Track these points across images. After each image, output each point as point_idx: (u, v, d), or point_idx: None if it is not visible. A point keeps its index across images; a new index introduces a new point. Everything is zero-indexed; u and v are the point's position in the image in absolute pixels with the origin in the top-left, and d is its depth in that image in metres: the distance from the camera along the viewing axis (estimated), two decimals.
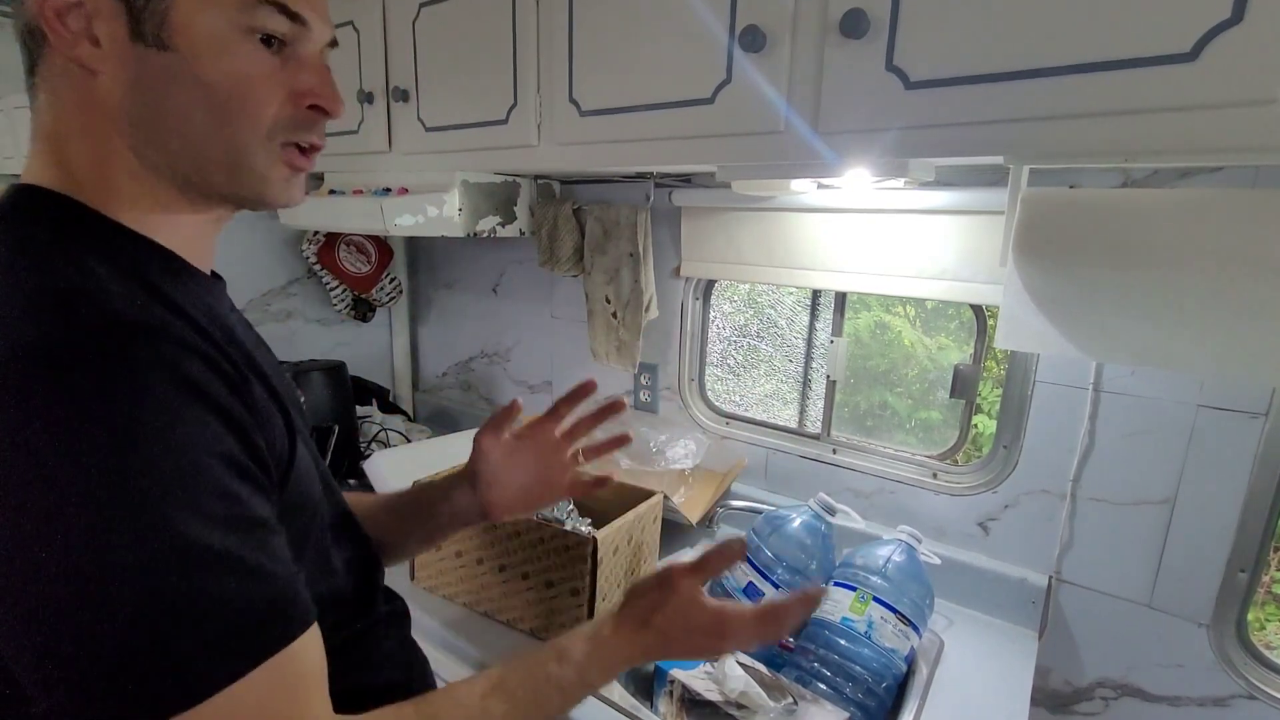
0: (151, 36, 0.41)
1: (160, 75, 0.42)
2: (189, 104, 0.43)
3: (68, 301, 0.36)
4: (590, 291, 1.39)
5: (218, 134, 0.44)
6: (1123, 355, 0.75)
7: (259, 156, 0.46)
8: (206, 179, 0.45)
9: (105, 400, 0.34)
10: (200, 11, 0.41)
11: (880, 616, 0.87)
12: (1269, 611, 1.66)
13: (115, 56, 0.41)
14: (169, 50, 0.41)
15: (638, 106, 0.89)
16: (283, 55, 0.45)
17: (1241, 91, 0.52)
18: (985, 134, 0.65)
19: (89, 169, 0.43)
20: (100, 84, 0.42)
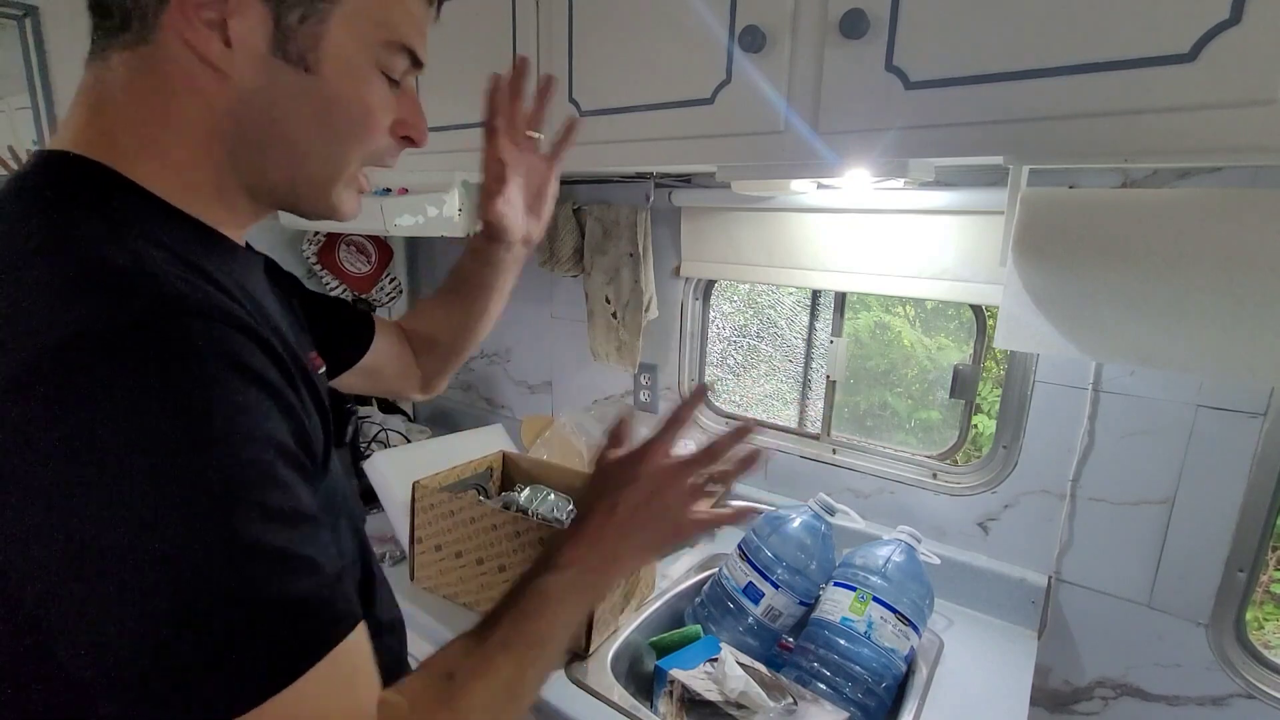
0: (296, 56, 0.42)
1: (290, 92, 0.43)
2: (311, 123, 0.44)
3: (126, 281, 0.34)
4: (590, 291, 1.39)
5: (327, 153, 0.46)
6: (1122, 355, 0.75)
7: (347, 180, 0.48)
8: (292, 190, 0.47)
9: (171, 388, 0.32)
10: (349, 44, 0.43)
11: (880, 616, 0.87)
12: (1267, 611, 1.66)
13: (245, 62, 0.41)
14: (310, 73, 0.43)
15: (637, 106, 0.89)
16: (395, 89, 0.48)
17: (1240, 92, 0.52)
18: (985, 134, 0.65)
19: (143, 145, 0.42)
20: (215, 80, 0.41)
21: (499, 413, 1.75)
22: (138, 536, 0.31)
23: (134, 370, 0.32)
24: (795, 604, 0.96)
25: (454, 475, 1.13)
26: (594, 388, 1.54)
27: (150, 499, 0.31)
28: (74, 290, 0.33)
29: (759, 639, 0.96)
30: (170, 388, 0.32)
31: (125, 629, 0.31)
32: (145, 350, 0.32)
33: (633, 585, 1.00)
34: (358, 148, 0.47)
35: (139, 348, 0.32)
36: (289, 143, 0.44)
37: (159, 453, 0.31)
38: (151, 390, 0.32)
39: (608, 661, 0.90)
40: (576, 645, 0.91)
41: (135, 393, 0.31)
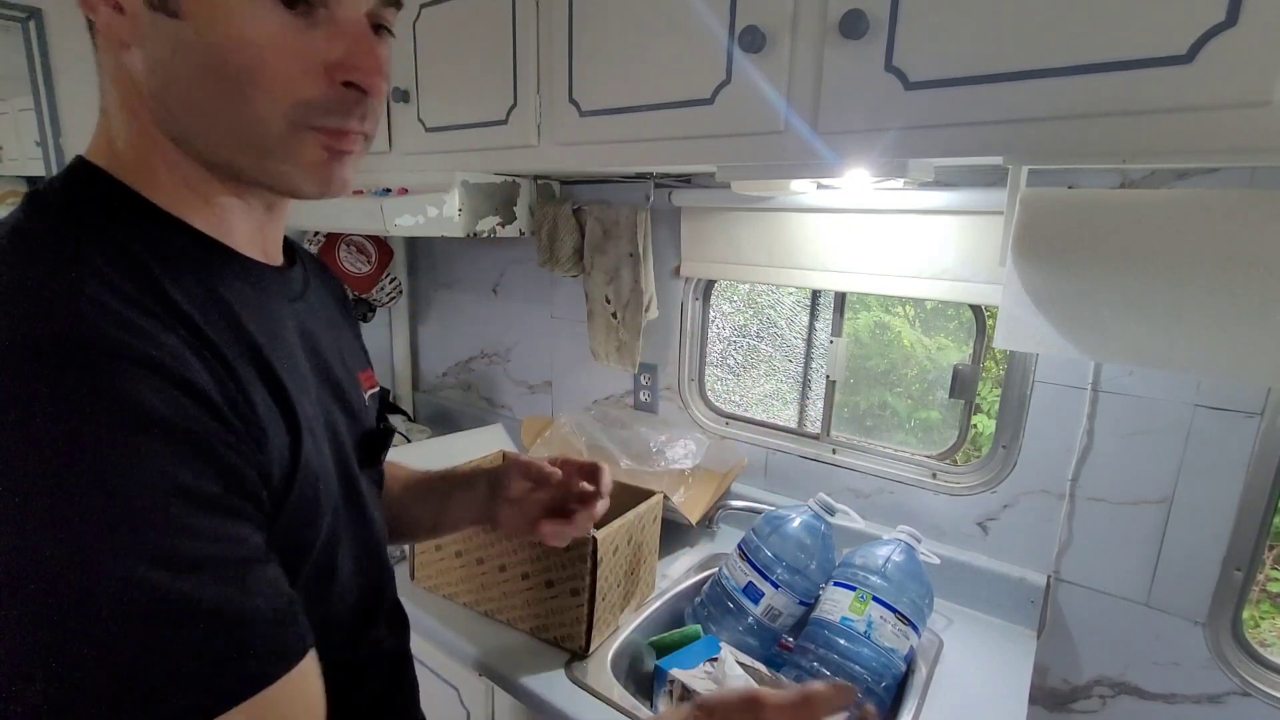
0: (160, 1, 0.37)
1: (171, 44, 0.38)
2: (198, 76, 0.38)
3: (27, 306, 0.32)
4: (590, 291, 1.39)
5: (227, 109, 0.39)
6: (1121, 355, 0.76)
7: (282, 138, 0.40)
8: (229, 160, 0.41)
9: (36, 429, 0.30)
10: None
11: (879, 616, 0.87)
12: (1263, 609, 1.66)
13: (135, 26, 0.38)
14: (178, 17, 0.37)
15: (637, 107, 0.89)
16: (311, 19, 0.39)
17: (1237, 93, 0.53)
18: (984, 134, 0.65)
19: (129, 147, 0.41)
20: (127, 56, 0.39)
21: (499, 413, 1.75)
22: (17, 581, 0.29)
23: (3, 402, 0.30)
24: (795, 604, 0.97)
25: None
26: (594, 388, 1.54)
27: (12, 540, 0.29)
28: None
29: (759, 639, 0.96)
30: (36, 427, 0.30)
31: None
32: (20, 383, 0.30)
33: (633, 585, 1.00)
34: (261, 96, 0.39)
35: (13, 380, 0.30)
36: (192, 103, 0.39)
37: (18, 489, 0.30)
38: (15, 427, 0.30)
39: (608, 661, 0.90)
40: (577, 645, 0.91)
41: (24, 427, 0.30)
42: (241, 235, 0.45)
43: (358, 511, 0.53)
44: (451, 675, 0.98)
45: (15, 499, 0.29)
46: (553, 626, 0.93)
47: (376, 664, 0.56)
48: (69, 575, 0.29)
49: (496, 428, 1.61)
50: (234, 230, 0.45)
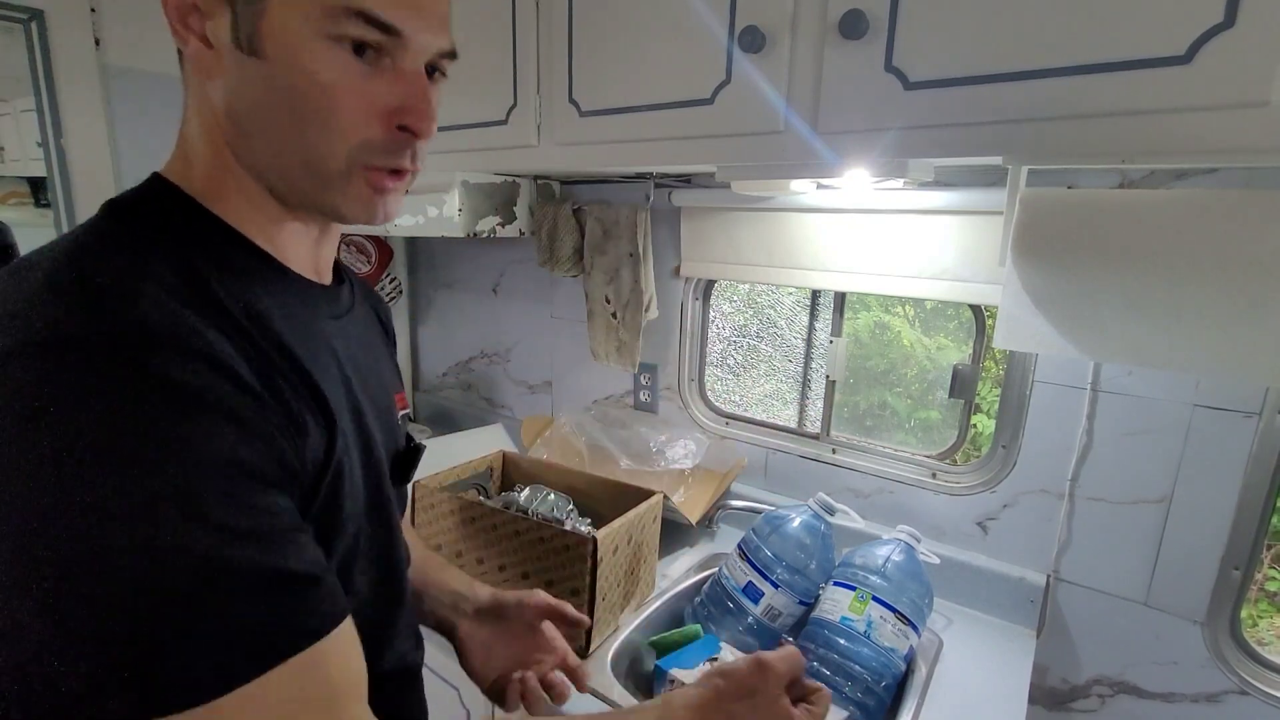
0: (246, 43, 0.41)
1: (251, 81, 0.42)
2: (274, 112, 0.42)
3: (93, 297, 0.35)
4: (590, 291, 1.39)
5: (298, 142, 0.43)
6: (1120, 355, 0.76)
7: (340, 174, 0.44)
8: (291, 186, 0.45)
9: (100, 408, 0.32)
10: (289, 19, 0.41)
11: (879, 616, 0.87)
12: (1261, 608, 1.66)
13: (222, 60, 0.42)
14: (260, 57, 0.41)
15: (637, 107, 0.90)
16: (377, 66, 0.43)
17: (1234, 94, 0.53)
18: (984, 134, 0.65)
19: (204, 167, 0.45)
20: (212, 85, 0.43)
21: (499, 413, 1.75)
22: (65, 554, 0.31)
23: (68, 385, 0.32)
24: (795, 603, 0.97)
25: (454, 475, 1.13)
26: (594, 388, 1.54)
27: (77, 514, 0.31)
28: (41, 301, 0.34)
29: (759, 638, 0.96)
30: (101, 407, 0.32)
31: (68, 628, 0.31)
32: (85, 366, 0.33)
33: (632, 585, 1.01)
34: (330, 135, 0.43)
35: (81, 363, 0.33)
36: (266, 134, 0.43)
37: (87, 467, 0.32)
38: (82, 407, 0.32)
39: (608, 661, 0.90)
40: (576, 645, 0.91)
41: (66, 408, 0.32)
42: (295, 254, 0.49)
43: (385, 529, 0.54)
44: (451, 675, 0.98)
45: (82, 476, 0.31)
46: None
47: (386, 683, 0.55)
48: (137, 545, 0.32)
49: (496, 428, 1.61)
50: (289, 249, 0.48)
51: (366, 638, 0.49)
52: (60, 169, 1.25)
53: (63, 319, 0.34)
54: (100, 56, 1.28)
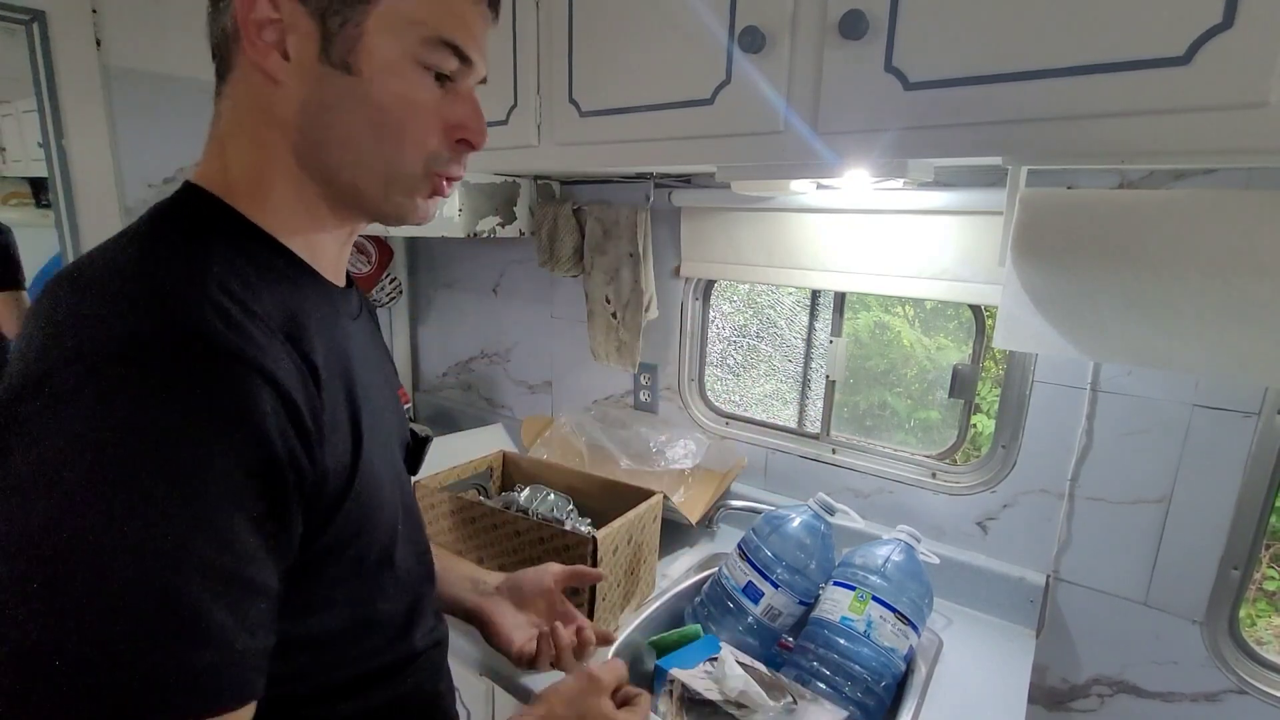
0: (339, 60, 0.44)
1: (339, 95, 0.45)
2: (361, 123, 0.46)
3: (160, 305, 0.37)
4: (590, 292, 1.39)
5: (379, 152, 0.47)
6: (1120, 355, 0.76)
7: (411, 179, 0.49)
8: (359, 192, 0.48)
9: (154, 415, 0.34)
10: (386, 43, 0.45)
11: (879, 616, 0.87)
12: (1260, 608, 1.66)
13: (300, 72, 0.44)
14: (352, 74, 0.44)
15: (637, 107, 0.90)
16: (445, 88, 0.49)
17: (1233, 94, 0.53)
18: (984, 134, 0.65)
19: (246, 172, 0.46)
20: (280, 94, 0.45)
21: (499, 413, 1.75)
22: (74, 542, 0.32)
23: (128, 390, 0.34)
24: (795, 603, 0.97)
25: (454, 475, 1.14)
26: (594, 388, 1.54)
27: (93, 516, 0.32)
28: (119, 305, 0.36)
29: (759, 638, 0.96)
30: (156, 414, 0.34)
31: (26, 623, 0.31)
32: (149, 375, 0.34)
33: (632, 585, 1.01)
34: (409, 146, 0.48)
35: (145, 371, 0.34)
36: (345, 145, 0.46)
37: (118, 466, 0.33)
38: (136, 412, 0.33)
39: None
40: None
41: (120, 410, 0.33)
42: (325, 259, 0.52)
43: (410, 514, 0.59)
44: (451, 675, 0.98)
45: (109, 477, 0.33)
46: None
47: (426, 652, 0.61)
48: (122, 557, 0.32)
49: (496, 428, 1.61)
50: (321, 254, 0.51)
51: (408, 616, 0.56)
52: (62, 170, 1.25)
53: (136, 330, 0.35)
54: (102, 57, 1.28)
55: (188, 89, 1.36)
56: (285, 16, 0.43)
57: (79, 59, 1.25)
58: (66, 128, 1.25)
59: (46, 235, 1.27)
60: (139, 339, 0.35)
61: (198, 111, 0.53)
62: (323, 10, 0.43)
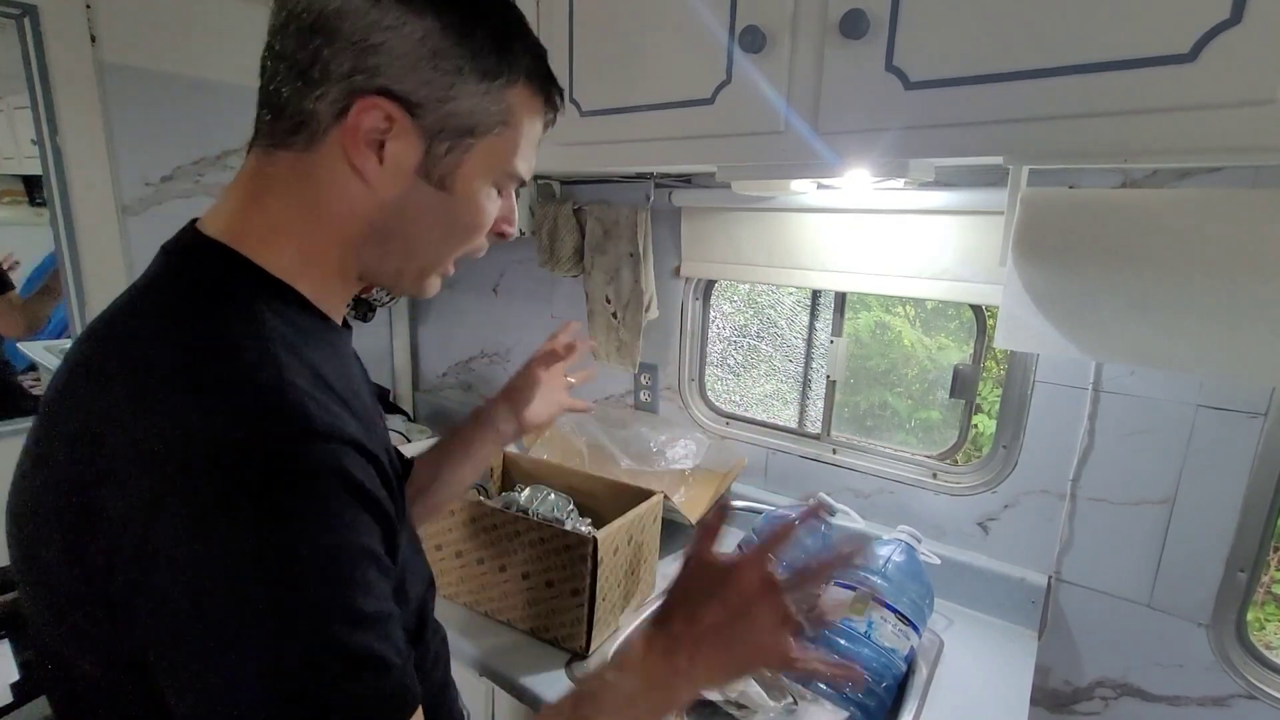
0: (436, 178, 0.48)
1: (426, 205, 0.49)
2: (436, 230, 0.51)
3: (270, 403, 0.40)
4: (590, 291, 1.39)
5: (439, 251, 0.53)
6: (1122, 355, 0.75)
7: (445, 268, 0.56)
8: (398, 276, 0.54)
9: (298, 507, 0.38)
10: (478, 173, 0.50)
11: (880, 616, 0.87)
12: (1268, 611, 1.66)
13: (393, 178, 0.47)
14: (444, 191, 0.49)
15: (638, 107, 0.89)
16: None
17: (1240, 92, 0.52)
18: (985, 134, 0.65)
19: (295, 244, 0.48)
20: (363, 191, 0.47)
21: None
22: (246, 646, 0.36)
23: (276, 489, 0.37)
24: None
25: None
26: (594, 388, 1.54)
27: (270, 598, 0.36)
28: (228, 408, 0.39)
29: None
30: (298, 507, 0.38)
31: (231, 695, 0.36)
32: (286, 474, 0.38)
33: (633, 585, 1.00)
34: (464, 247, 0.54)
35: (282, 472, 0.38)
36: (411, 242, 0.51)
37: (281, 561, 0.37)
38: (284, 508, 0.37)
39: (608, 661, 0.90)
40: (577, 645, 0.91)
41: (272, 507, 0.37)
42: (336, 308, 0.53)
43: (412, 533, 0.62)
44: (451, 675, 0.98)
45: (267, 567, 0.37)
46: (553, 627, 0.92)
47: (439, 654, 0.64)
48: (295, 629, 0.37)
49: None
50: (335, 306, 0.53)
51: (418, 612, 0.58)
52: (56, 167, 1.24)
53: (268, 439, 0.38)
54: (96, 53, 1.27)
55: (184, 86, 1.35)
56: (393, 128, 0.46)
57: (73, 55, 1.24)
58: (61, 125, 1.24)
59: (41, 234, 1.27)
60: (272, 449, 0.38)
61: (195, 109, 0.53)
62: (433, 135, 0.47)
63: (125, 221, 1.32)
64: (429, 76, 0.46)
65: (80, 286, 1.29)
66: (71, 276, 1.28)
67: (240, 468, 0.37)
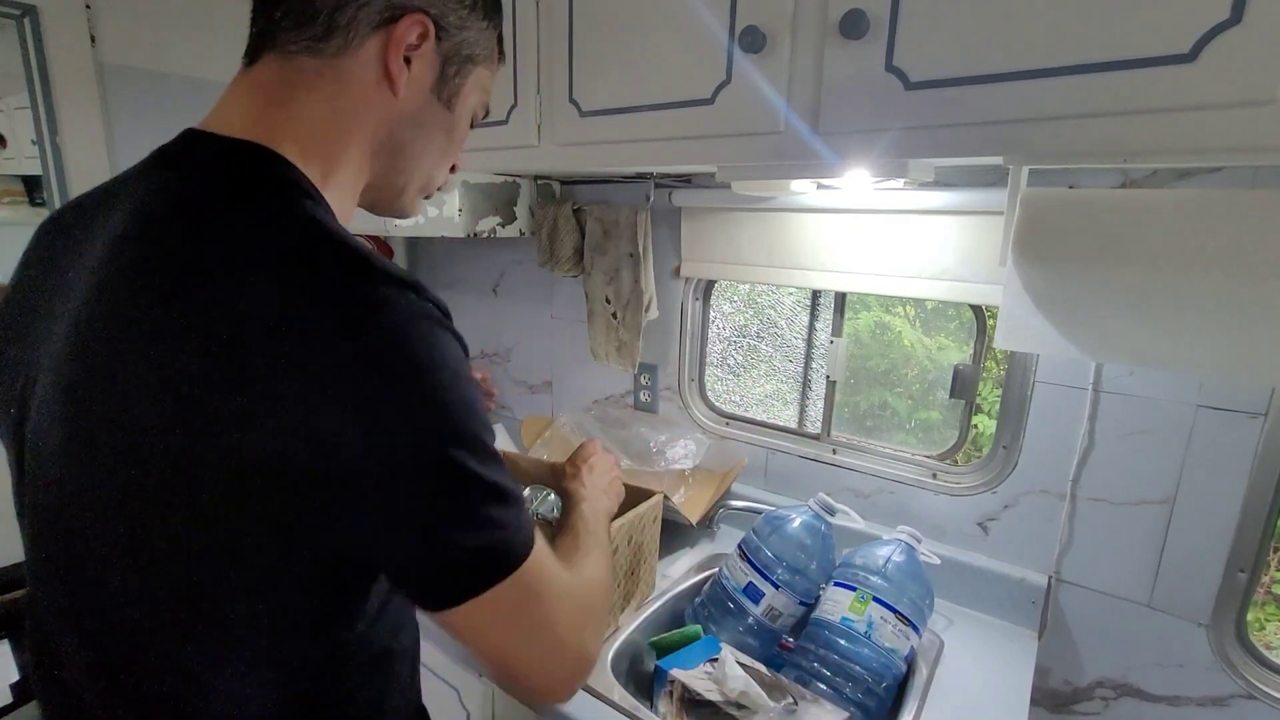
0: (445, 97, 0.56)
1: (433, 120, 0.56)
2: (436, 144, 0.58)
3: (414, 284, 0.44)
4: (590, 292, 1.39)
5: (433, 166, 0.59)
6: (1122, 355, 0.75)
7: (434, 187, 0.61)
8: (399, 192, 0.58)
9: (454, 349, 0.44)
10: (470, 97, 0.58)
11: (880, 616, 0.87)
12: (1269, 611, 1.66)
13: (413, 91, 0.53)
14: (448, 109, 0.56)
15: (638, 107, 0.89)
16: None
17: (1240, 92, 0.52)
18: (985, 134, 0.65)
19: (332, 161, 0.51)
20: (388, 100, 0.52)
21: (499, 413, 1.75)
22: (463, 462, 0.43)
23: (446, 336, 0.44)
24: (795, 604, 0.96)
25: None
26: (594, 388, 1.54)
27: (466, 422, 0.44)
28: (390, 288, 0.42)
29: (759, 639, 0.96)
30: (461, 370, 0.44)
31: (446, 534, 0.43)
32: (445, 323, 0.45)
33: (633, 585, 1.00)
34: (447, 166, 0.61)
35: (442, 322, 0.44)
36: (417, 156, 0.57)
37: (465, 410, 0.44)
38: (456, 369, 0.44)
39: (608, 661, 0.90)
40: None
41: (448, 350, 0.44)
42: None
43: None
44: (451, 676, 0.98)
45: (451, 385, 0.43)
46: None
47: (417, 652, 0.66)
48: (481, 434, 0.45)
49: (496, 428, 1.60)
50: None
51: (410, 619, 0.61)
52: (56, 167, 1.24)
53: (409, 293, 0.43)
54: (96, 53, 1.27)
55: (184, 86, 1.35)
56: (422, 46, 0.52)
57: (73, 55, 1.24)
58: (60, 125, 1.24)
59: None
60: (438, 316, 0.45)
61: (194, 109, 0.53)
62: (446, 57, 0.54)
63: None
64: (454, 6, 0.53)
65: None
66: None
67: (417, 338, 0.42)
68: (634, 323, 1.33)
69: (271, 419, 0.38)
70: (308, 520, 0.40)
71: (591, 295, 1.39)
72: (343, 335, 0.39)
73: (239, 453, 0.38)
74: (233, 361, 0.38)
